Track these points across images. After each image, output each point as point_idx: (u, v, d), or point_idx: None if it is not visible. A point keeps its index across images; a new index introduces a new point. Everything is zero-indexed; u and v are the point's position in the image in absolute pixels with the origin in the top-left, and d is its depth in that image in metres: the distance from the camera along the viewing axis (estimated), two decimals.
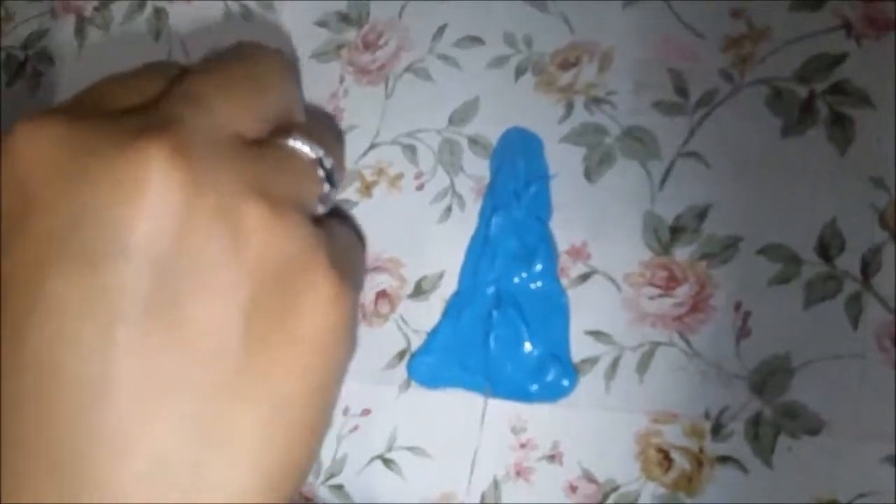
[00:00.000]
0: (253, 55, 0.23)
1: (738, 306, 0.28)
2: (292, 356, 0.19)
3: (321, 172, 0.22)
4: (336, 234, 0.22)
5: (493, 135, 0.32)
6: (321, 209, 0.22)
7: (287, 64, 0.23)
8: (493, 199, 0.32)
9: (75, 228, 0.18)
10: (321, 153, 0.22)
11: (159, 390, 0.18)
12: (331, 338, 0.20)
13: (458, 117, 0.33)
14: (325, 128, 0.24)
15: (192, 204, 0.18)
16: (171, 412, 0.18)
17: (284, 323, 0.19)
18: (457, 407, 0.31)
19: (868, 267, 0.27)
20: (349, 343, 0.21)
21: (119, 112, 0.20)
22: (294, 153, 0.22)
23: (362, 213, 0.33)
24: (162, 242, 0.18)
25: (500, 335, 0.30)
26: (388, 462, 0.32)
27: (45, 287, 0.18)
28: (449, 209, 0.32)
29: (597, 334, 0.30)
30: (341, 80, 0.35)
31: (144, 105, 0.20)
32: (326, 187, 0.22)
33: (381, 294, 0.33)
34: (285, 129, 0.22)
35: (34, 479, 0.18)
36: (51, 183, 0.18)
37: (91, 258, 0.18)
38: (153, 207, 0.18)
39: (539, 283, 0.30)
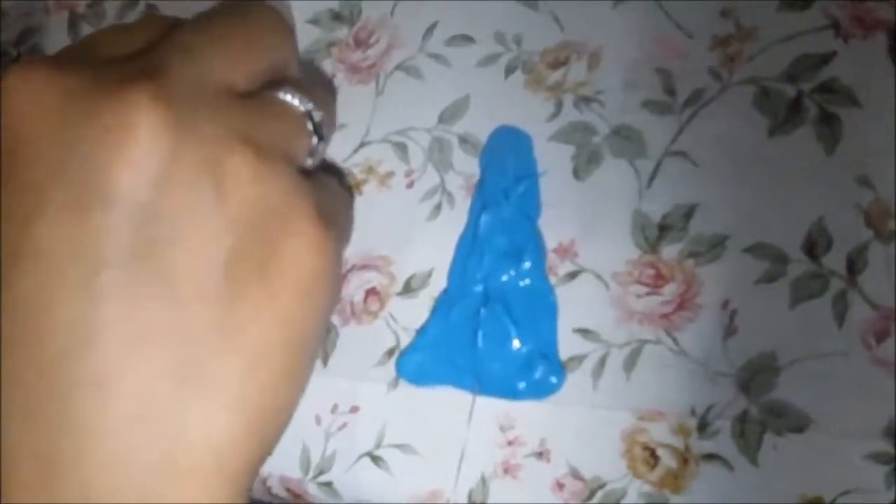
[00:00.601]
0: (248, 10, 0.23)
1: (724, 304, 0.28)
2: (274, 303, 0.19)
3: (310, 126, 0.22)
4: (323, 184, 0.22)
5: (482, 133, 0.32)
6: (310, 162, 0.22)
7: (282, 20, 0.23)
8: (483, 197, 0.32)
9: (62, 174, 0.18)
10: (310, 106, 0.22)
11: (142, 335, 0.18)
12: (313, 285, 0.20)
13: (449, 115, 0.33)
14: (316, 82, 0.24)
15: (177, 151, 0.18)
16: (153, 356, 0.18)
17: (268, 270, 0.19)
18: (445, 404, 0.31)
19: (854, 265, 0.27)
20: (332, 291, 0.21)
21: (109, 60, 0.20)
22: (283, 105, 0.22)
23: None
24: (146, 189, 0.18)
25: (489, 333, 0.30)
26: (376, 459, 0.32)
27: (31, 232, 0.18)
28: (438, 207, 0.32)
29: (584, 332, 0.30)
30: (332, 77, 0.35)
31: (135, 54, 0.20)
32: (315, 140, 0.22)
33: (371, 291, 0.33)
34: (277, 83, 0.22)
35: (17, 418, 0.18)
36: (38, 129, 0.18)
37: (76, 204, 0.18)
38: (138, 154, 0.18)
39: (527, 281, 0.30)
